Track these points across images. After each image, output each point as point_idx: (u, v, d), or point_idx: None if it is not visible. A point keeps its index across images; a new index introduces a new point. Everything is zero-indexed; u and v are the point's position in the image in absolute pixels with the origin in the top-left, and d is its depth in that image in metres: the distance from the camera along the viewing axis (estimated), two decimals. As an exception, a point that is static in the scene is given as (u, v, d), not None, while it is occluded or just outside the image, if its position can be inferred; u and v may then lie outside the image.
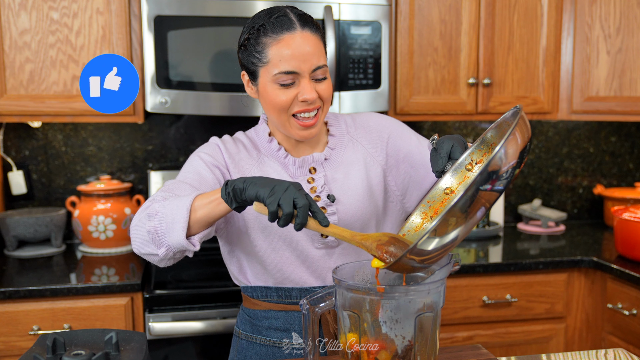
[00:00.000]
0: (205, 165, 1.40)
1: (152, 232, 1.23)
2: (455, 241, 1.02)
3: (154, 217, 1.23)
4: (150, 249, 1.25)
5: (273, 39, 1.33)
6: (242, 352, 1.49)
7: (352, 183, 1.44)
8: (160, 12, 2.18)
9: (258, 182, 1.14)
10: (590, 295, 2.42)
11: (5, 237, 2.41)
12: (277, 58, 1.32)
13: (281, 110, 1.36)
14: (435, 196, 1.22)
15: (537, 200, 2.87)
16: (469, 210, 0.99)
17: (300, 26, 1.34)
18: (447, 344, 2.32)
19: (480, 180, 0.97)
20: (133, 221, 1.29)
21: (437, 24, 2.48)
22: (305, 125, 1.36)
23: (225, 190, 1.17)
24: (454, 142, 1.23)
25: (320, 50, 1.36)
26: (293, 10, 1.37)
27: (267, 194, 1.11)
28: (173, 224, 1.21)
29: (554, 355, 1.39)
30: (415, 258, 1.02)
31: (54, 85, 2.24)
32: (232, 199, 1.17)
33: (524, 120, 1.04)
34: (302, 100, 1.34)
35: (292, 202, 1.10)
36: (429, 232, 0.98)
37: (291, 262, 1.42)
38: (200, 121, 2.68)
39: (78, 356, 1.00)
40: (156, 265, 1.30)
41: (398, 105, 2.48)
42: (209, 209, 1.20)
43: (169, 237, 1.22)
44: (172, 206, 1.22)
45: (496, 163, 0.98)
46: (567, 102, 2.62)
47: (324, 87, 1.37)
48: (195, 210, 1.21)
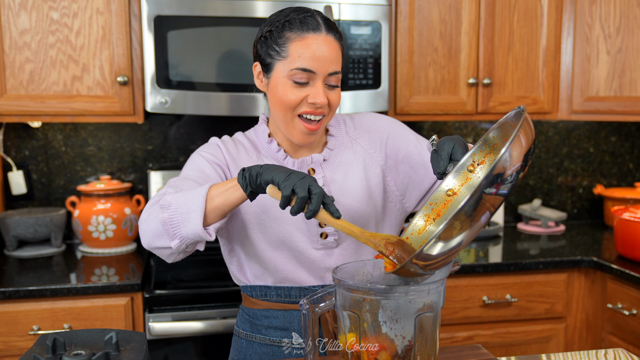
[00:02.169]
0: (208, 163, 1.40)
1: (166, 224, 1.23)
2: (460, 246, 1.01)
3: (167, 208, 1.23)
4: (162, 242, 1.25)
5: (297, 35, 1.34)
6: (242, 351, 1.50)
7: (351, 184, 1.44)
8: (160, 12, 2.18)
9: (275, 167, 1.16)
10: (590, 295, 2.42)
11: (5, 237, 2.41)
12: (296, 54, 1.33)
13: (288, 108, 1.36)
14: (438, 198, 1.22)
15: (537, 200, 2.87)
16: (474, 215, 0.98)
17: (325, 30, 1.35)
18: (447, 344, 2.32)
19: (486, 184, 0.97)
20: (142, 215, 1.29)
21: (437, 24, 2.48)
22: (309, 129, 1.37)
23: (242, 175, 1.19)
24: (455, 143, 1.22)
25: (339, 57, 1.37)
26: (319, 14, 1.38)
27: (283, 178, 1.13)
28: (189, 214, 1.21)
29: (554, 355, 1.39)
30: (419, 263, 1.01)
31: (54, 85, 2.24)
32: (248, 184, 1.18)
33: (528, 122, 1.03)
34: (311, 102, 1.34)
35: (307, 188, 1.11)
36: (434, 238, 0.97)
37: (290, 262, 1.42)
38: (200, 121, 2.68)
39: (78, 356, 1.00)
40: (164, 260, 1.30)
41: (398, 105, 2.48)
42: (225, 196, 1.21)
43: (184, 228, 1.21)
44: (186, 197, 1.23)
45: (501, 166, 0.97)
46: (567, 102, 2.62)
47: (334, 94, 1.38)
48: (211, 199, 1.21)
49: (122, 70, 2.27)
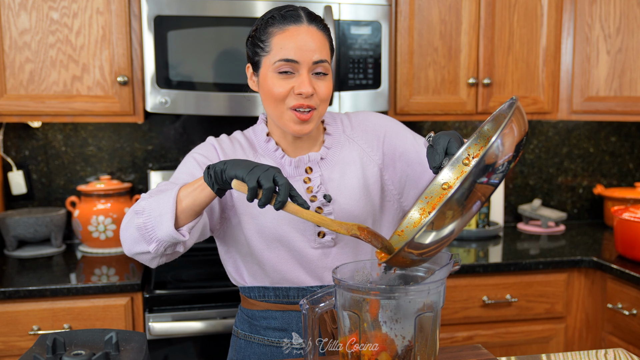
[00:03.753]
0: (199, 167, 1.40)
1: (141, 229, 1.24)
2: (452, 235, 1.02)
3: (141, 213, 1.25)
4: (141, 247, 1.26)
5: (279, 29, 1.35)
6: (241, 351, 1.49)
7: (349, 183, 1.44)
8: (160, 12, 2.18)
9: (238, 163, 1.16)
10: (590, 295, 2.42)
11: (5, 237, 2.41)
12: (278, 46, 1.34)
13: (277, 101, 1.36)
14: (433, 191, 1.22)
15: (537, 200, 2.87)
16: (466, 204, 0.99)
17: (307, 21, 1.36)
18: (447, 344, 2.32)
19: (476, 172, 0.97)
20: (122, 223, 1.30)
21: (437, 24, 2.48)
22: (300, 118, 1.36)
23: (207, 173, 1.19)
24: (450, 137, 1.23)
25: (324, 46, 1.37)
26: (304, 9, 1.39)
27: (247, 171, 1.13)
28: (161, 217, 1.22)
29: (554, 355, 1.39)
30: (413, 251, 1.02)
31: (54, 85, 2.24)
32: (214, 182, 1.19)
33: (520, 111, 1.02)
34: (297, 92, 1.34)
35: (272, 179, 1.12)
36: (425, 225, 0.98)
37: (288, 262, 1.42)
38: (200, 121, 2.68)
39: (78, 356, 1.00)
40: (147, 266, 1.30)
41: (398, 105, 2.48)
42: (194, 196, 1.22)
43: (159, 231, 1.23)
44: (158, 200, 1.24)
45: (492, 154, 0.97)
46: (567, 102, 2.62)
47: (323, 85, 1.37)
48: (180, 200, 1.22)
49: (122, 70, 2.27)
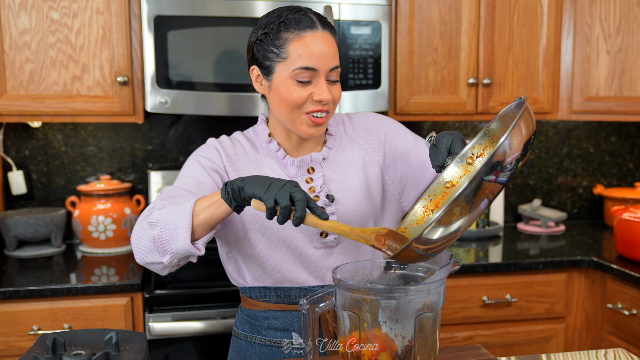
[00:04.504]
0: (204, 170, 1.40)
1: (156, 241, 1.23)
2: (459, 231, 1.03)
3: (155, 225, 1.24)
4: (154, 258, 1.26)
5: (295, 35, 1.34)
6: (241, 352, 1.49)
7: (351, 183, 1.45)
8: (160, 12, 2.18)
9: (255, 180, 1.15)
10: (590, 295, 2.42)
11: (5, 237, 2.41)
12: (296, 54, 1.33)
13: (294, 107, 1.36)
14: (437, 190, 1.23)
15: (537, 200, 2.87)
16: (474, 201, 1.00)
17: (321, 26, 1.36)
18: (447, 344, 2.32)
19: (485, 171, 0.98)
20: (134, 231, 1.30)
21: (437, 24, 2.48)
22: (316, 122, 1.37)
23: (225, 190, 1.19)
24: (453, 137, 1.24)
25: (336, 52, 1.39)
26: (312, 11, 1.39)
27: (264, 190, 1.12)
28: (176, 230, 1.21)
29: (554, 355, 1.39)
30: (420, 247, 1.02)
31: (54, 85, 2.24)
32: (232, 199, 1.18)
33: (529, 111, 1.04)
34: (317, 99, 1.35)
35: (288, 196, 1.11)
36: (434, 222, 0.99)
37: (290, 262, 1.42)
38: (200, 121, 2.68)
39: (78, 356, 1.00)
40: (158, 273, 1.30)
41: (398, 105, 2.48)
42: (211, 211, 1.22)
43: (174, 244, 1.22)
44: (173, 213, 1.23)
45: (501, 153, 0.99)
46: (567, 102, 2.62)
47: (336, 89, 1.39)
48: (197, 214, 1.22)
49: (122, 70, 2.27)
